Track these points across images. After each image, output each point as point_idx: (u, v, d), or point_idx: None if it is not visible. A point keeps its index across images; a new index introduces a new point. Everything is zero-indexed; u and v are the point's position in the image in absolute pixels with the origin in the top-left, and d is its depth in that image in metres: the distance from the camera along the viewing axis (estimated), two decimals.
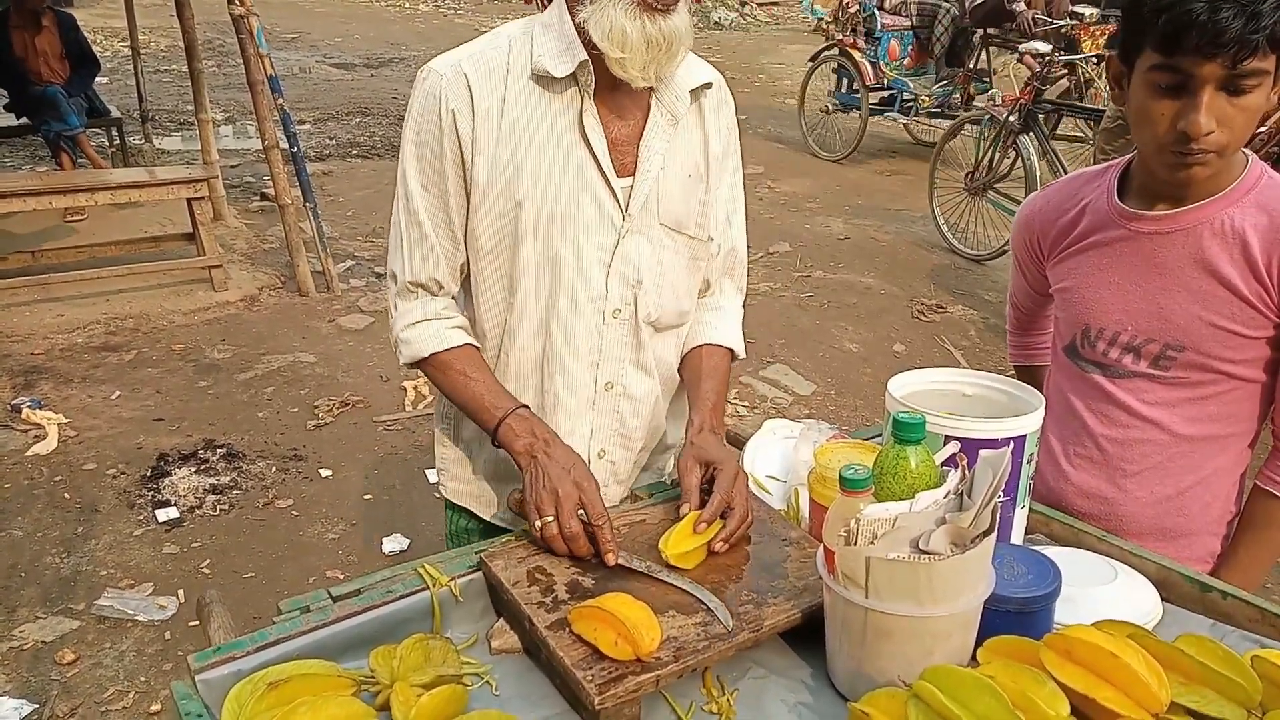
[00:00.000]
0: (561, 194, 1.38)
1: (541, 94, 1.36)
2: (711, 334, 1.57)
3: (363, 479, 3.67)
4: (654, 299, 1.47)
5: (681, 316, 1.54)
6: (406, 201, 1.41)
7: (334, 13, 18.53)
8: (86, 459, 3.75)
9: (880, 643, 1.03)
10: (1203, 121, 1.28)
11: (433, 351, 1.43)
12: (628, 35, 1.27)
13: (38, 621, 2.85)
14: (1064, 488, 1.59)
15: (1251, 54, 1.23)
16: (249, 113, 7.88)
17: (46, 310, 5.03)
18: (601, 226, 1.40)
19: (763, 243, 6.39)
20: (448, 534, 1.70)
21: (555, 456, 1.33)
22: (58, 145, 6.68)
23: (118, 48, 13.08)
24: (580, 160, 1.38)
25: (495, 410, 1.39)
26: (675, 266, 1.49)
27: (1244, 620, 1.23)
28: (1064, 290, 1.56)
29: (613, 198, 1.40)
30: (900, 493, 1.13)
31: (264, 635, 1.13)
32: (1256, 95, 1.27)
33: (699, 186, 1.47)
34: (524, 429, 1.37)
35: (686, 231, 1.47)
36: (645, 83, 1.33)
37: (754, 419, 4.11)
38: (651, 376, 1.53)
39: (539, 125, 1.36)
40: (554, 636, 1.10)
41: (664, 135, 1.42)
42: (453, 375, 1.43)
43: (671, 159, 1.43)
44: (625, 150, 1.41)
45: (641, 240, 1.43)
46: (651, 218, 1.43)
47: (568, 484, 1.29)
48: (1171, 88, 1.29)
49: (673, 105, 1.41)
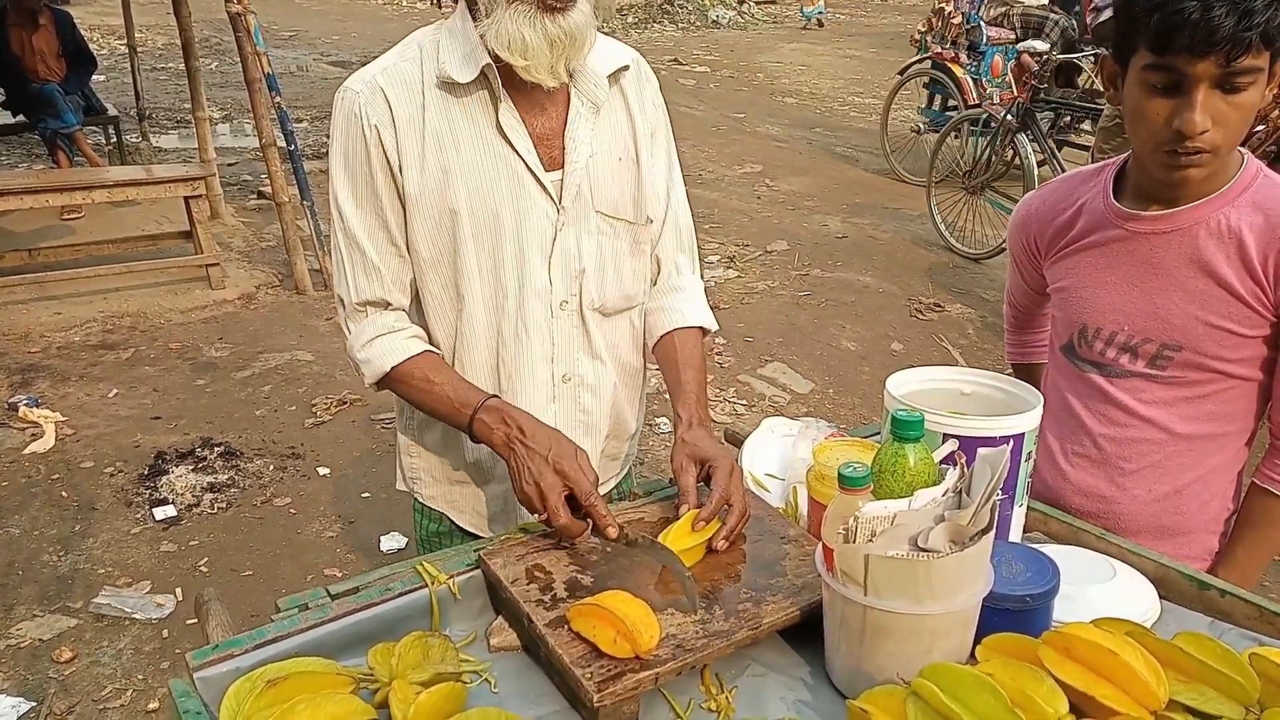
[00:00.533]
0: (494, 196, 1.38)
1: (457, 100, 1.36)
2: (679, 318, 1.57)
3: (361, 477, 3.67)
4: (597, 285, 1.48)
5: (628, 300, 1.54)
6: (343, 225, 1.41)
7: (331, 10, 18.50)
8: (84, 457, 3.75)
9: (879, 640, 1.03)
10: (1197, 120, 1.28)
11: (393, 365, 1.42)
12: (528, 42, 1.27)
13: (35, 619, 2.85)
14: (1062, 486, 1.59)
15: (1244, 52, 1.22)
16: (246, 111, 7.86)
17: (43, 308, 5.03)
18: (538, 221, 1.41)
19: (761, 241, 6.39)
20: (418, 539, 1.70)
21: (534, 444, 1.32)
22: (54, 143, 6.67)
23: (115, 45, 13.07)
24: (508, 160, 1.38)
25: (464, 408, 1.38)
26: (617, 252, 1.49)
27: (1242, 618, 1.23)
28: (1061, 290, 1.57)
29: (544, 192, 1.40)
30: (899, 490, 1.13)
31: (262, 633, 1.13)
32: (1251, 93, 1.27)
33: (631, 169, 1.47)
34: (496, 421, 1.36)
35: (624, 217, 1.48)
36: (555, 81, 1.33)
37: (752, 417, 4.11)
38: (606, 364, 1.54)
39: (462, 131, 1.37)
40: (553, 634, 1.10)
41: (587, 124, 1.42)
42: (416, 384, 1.42)
43: (600, 146, 1.43)
44: (552, 143, 1.41)
45: (579, 230, 1.44)
46: (586, 206, 1.44)
47: (549, 475, 1.28)
48: (1165, 87, 1.29)
49: (592, 93, 1.41)
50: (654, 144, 1.51)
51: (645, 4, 18.80)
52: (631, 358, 1.60)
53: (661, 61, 12.69)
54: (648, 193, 1.49)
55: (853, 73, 12.71)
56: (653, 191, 1.51)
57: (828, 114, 10.78)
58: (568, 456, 1.30)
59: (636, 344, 1.60)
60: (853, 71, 13.08)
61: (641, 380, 1.66)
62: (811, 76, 12.90)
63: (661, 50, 14.18)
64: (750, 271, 5.91)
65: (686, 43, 15.41)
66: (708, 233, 6.55)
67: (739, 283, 5.73)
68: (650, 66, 1.55)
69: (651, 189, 1.50)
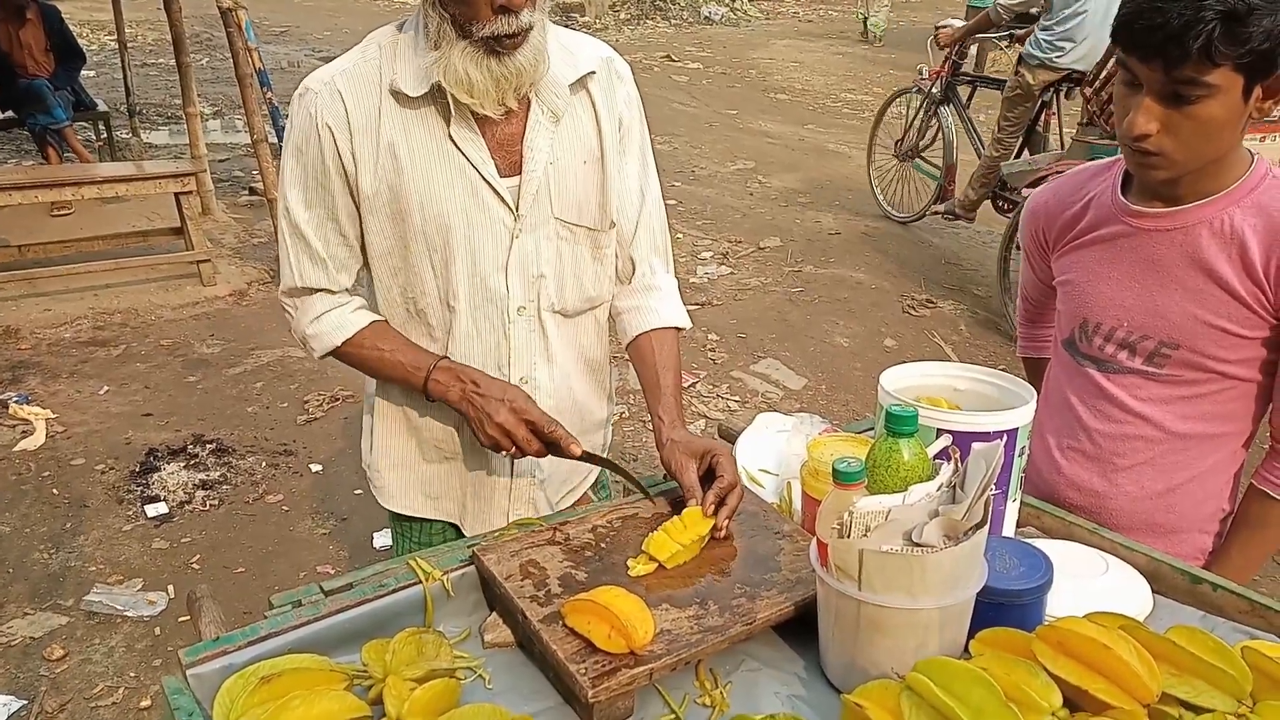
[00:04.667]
0: (446, 201, 1.39)
1: (413, 107, 1.37)
2: (654, 318, 1.57)
3: (353, 473, 3.65)
4: (556, 289, 1.49)
5: (590, 301, 1.55)
6: (289, 217, 1.45)
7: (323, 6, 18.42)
8: (75, 454, 3.73)
9: (873, 635, 1.03)
10: (1138, 122, 1.28)
11: (345, 339, 1.46)
12: (474, 81, 1.30)
13: (26, 618, 2.84)
14: (1056, 480, 1.59)
15: (1182, 64, 1.22)
16: (237, 106, 7.83)
17: (33, 305, 5.00)
18: (493, 228, 1.42)
19: (753, 237, 6.39)
20: (396, 551, 1.72)
21: (488, 393, 1.40)
22: (43, 139, 6.62)
23: (105, 41, 13.00)
24: (462, 168, 1.39)
25: (418, 371, 1.44)
26: (577, 257, 1.50)
27: (1234, 612, 1.24)
28: (1066, 283, 1.57)
29: (499, 199, 1.40)
30: (893, 485, 1.13)
31: (255, 630, 1.12)
32: (1207, 107, 1.25)
33: (596, 171, 1.47)
34: (450, 379, 1.42)
35: (585, 223, 1.48)
36: (502, 110, 1.35)
37: (745, 413, 4.11)
38: (564, 367, 1.55)
39: (416, 136, 1.37)
40: (547, 630, 1.10)
41: (546, 132, 1.42)
42: (367, 352, 1.47)
43: (561, 152, 1.43)
44: (511, 149, 1.41)
45: (538, 236, 1.45)
46: (545, 212, 1.44)
47: (506, 413, 1.38)
48: (1128, 84, 1.30)
49: (552, 102, 1.41)
50: (625, 143, 1.51)
51: (638, 0, 18.78)
52: (594, 352, 1.61)
53: (654, 58, 12.68)
54: (614, 193, 1.49)
55: (845, 70, 12.71)
56: (621, 191, 1.51)
57: (820, 111, 10.79)
58: (521, 398, 1.41)
59: (601, 338, 1.62)
60: (845, 69, 13.08)
61: (606, 372, 1.67)
62: (804, 73, 12.90)
63: (654, 46, 14.16)
64: (743, 268, 5.91)
65: (679, 39, 15.39)
66: (701, 229, 6.55)
67: (732, 279, 5.73)
68: (640, 63, 1.57)
69: (620, 189, 1.50)
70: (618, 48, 1.58)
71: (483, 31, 1.26)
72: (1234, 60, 1.21)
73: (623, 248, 1.56)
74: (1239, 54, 1.20)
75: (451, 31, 1.28)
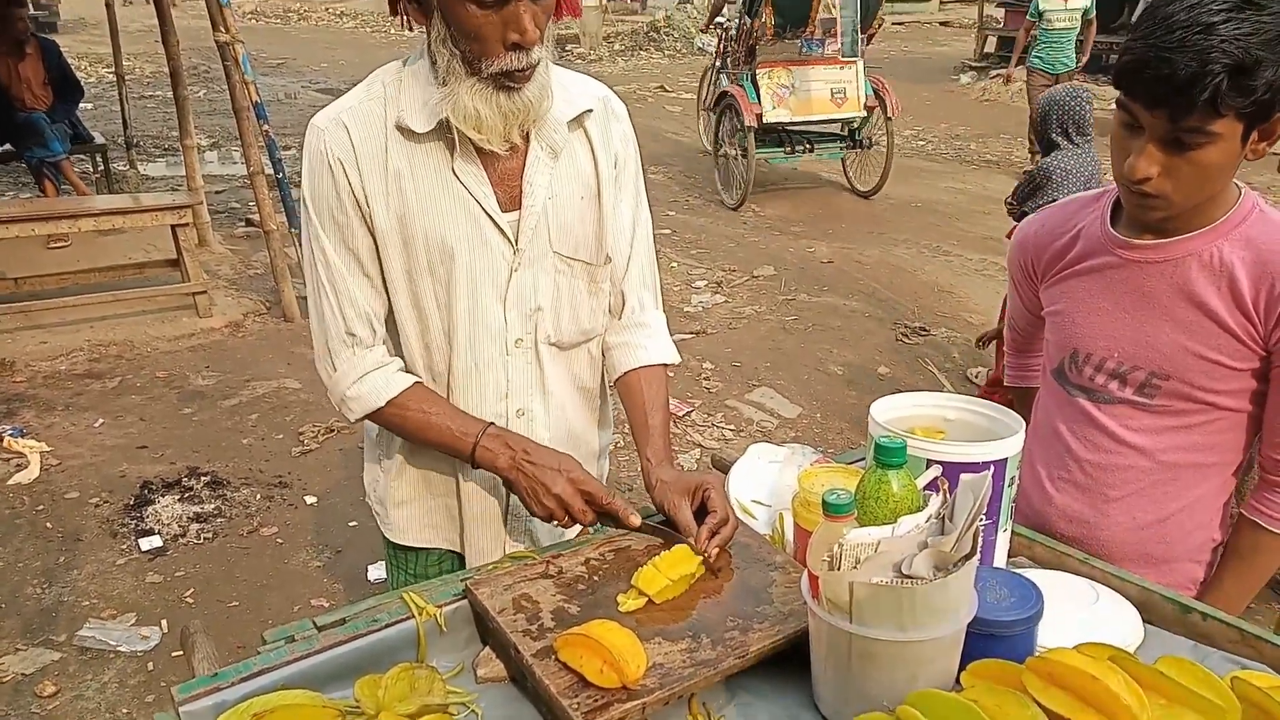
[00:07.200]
0: (450, 234, 1.40)
1: (418, 141, 1.39)
2: (644, 355, 1.59)
3: (348, 505, 3.65)
4: (553, 322, 1.50)
5: (586, 335, 1.56)
6: (325, 260, 1.43)
7: (319, 39, 18.59)
8: (69, 487, 3.72)
9: (865, 667, 1.03)
10: (1140, 166, 1.30)
11: (388, 400, 1.44)
12: (483, 117, 1.32)
13: (18, 653, 2.82)
14: (1048, 510, 1.60)
15: (1189, 114, 1.23)
16: (234, 138, 7.88)
17: (29, 337, 5.00)
18: (493, 261, 1.43)
19: (747, 266, 6.42)
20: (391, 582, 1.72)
21: (541, 462, 1.39)
22: (41, 172, 6.66)
23: (103, 74, 13.10)
24: (465, 201, 1.40)
25: (466, 437, 1.42)
26: (574, 291, 1.51)
27: (1225, 642, 1.24)
28: (1055, 314, 1.58)
29: (499, 233, 1.42)
30: (883, 517, 1.13)
31: (249, 666, 1.12)
32: (1207, 153, 1.27)
33: (593, 206, 1.50)
34: (499, 446, 1.41)
35: (582, 257, 1.50)
36: (507, 146, 1.37)
37: (740, 442, 4.11)
38: (559, 398, 1.56)
39: (421, 171, 1.39)
40: (539, 664, 1.10)
41: (545, 169, 1.44)
42: (412, 415, 1.45)
43: (560, 187, 1.46)
44: (512, 183, 1.43)
45: (536, 269, 1.46)
46: (544, 247, 1.46)
47: (563, 483, 1.37)
48: (1128, 126, 1.32)
49: (551, 139, 1.44)
50: (621, 179, 1.53)
51: (632, 32, 18.98)
52: (590, 383, 1.62)
53: (648, 88, 12.78)
54: (609, 229, 1.51)
55: None
56: (616, 227, 1.53)
57: None
58: (576, 467, 1.40)
59: (595, 371, 1.62)
60: None
61: (601, 402, 1.68)
62: None
63: (648, 78, 14.28)
64: (737, 296, 5.93)
65: (673, 70, 15.53)
66: (694, 258, 6.59)
67: (726, 308, 5.75)
68: (634, 93, 1.59)
69: (615, 224, 1.52)
70: (612, 78, 1.61)
71: (492, 68, 1.28)
72: (1237, 110, 1.23)
73: (614, 283, 1.58)
74: (1243, 105, 1.22)
75: (461, 69, 1.30)
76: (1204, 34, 1.19)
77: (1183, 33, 1.21)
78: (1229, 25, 1.19)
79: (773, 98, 7.59)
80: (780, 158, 8.10)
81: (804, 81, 7.64)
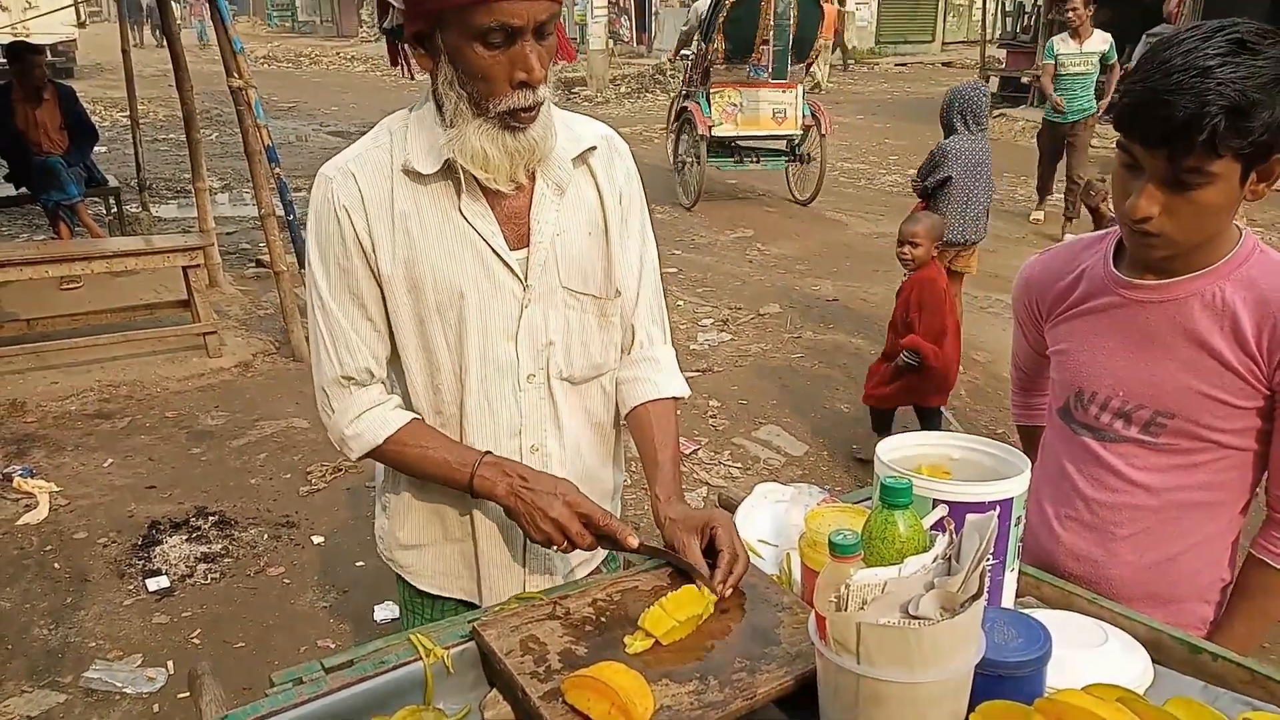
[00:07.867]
0: (459, 275, 1.42)
1: (424, 185, 1.41)
2: (653, 389, 1.60)
3: (355, 545, 3.65)
4: (564, 357, 1.51)
5: (598, 369, 1.57)
6: (322, 307, 1.45)
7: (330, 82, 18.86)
8: (77, 528, 3.73)
9: (873, 709, 1.03)
10: (1141, 206, 1.31)
11: (386, 437, 1.46)
12: (490, 157, 1.34)
13: (24, 695, 2.81)
14: (1055, 549, 1.60)
15: (1189, 155, 1.25)
16: (246, 180, 7.98)
17: (40, 378, 5.04)
18: (503, 299, 1.45)
19: (753, 304, 6.45)
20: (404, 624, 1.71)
21: (537, 487, 1.40)
22: (56, 215, 6.76)
23: (117, 118, 13.30)
24: (473, 241, 1.42)
25: (463, 468, 1.43)
26: (585, 325, 1.53)
27: (1235, 682, 1.23)
28: (1060, 353, 1.59)
29: (509, 271, 1.44)
30: (889, 558, 1.14)
31: (257, 708, 1.13)
32: (1206, 193, 1.29)
33: (600, 242, 1.52)
34: (496, 475, 1.42)
35: (591, 292, 1.52)
36: (513, 185, 1.39)
37: (747, 480, 4.11)
38: (574, 434, 1.57)
39: (428, 213, 1.41)
40: (547, 707, 1.10)
41: (551, 206, 1.46)
42: (409, 451, 1.46)
43: (567, 224, 1.48)
44: (519, 221, 1.45)
45: (546, 305, 1.48)
46: (553, 282, 1.48)
47: (560, 507, 1.38)
48: (1128, 166, 1.34)
49: (556, 176, 1.46)
50: (627, 215, 1.55)
51: (638, 74, 19.22)
52: (603, 418, 1.63)
53: (654, 130, 12.91)
54: (618, 264, 1.53)
55: (840, 139, 12.93)
56: (624, 263, 1.55)
57: None
58: (572, 490, 1.41)
59: (608, 406, 1.63)
60: (840, 138, 13.30)
61: (614, 439, 1.68)
62: None
63: (654, 119, 14.43)
64: (744, 334, 5.95)
65: None
66: (701, 296, 6.62)
67: (732, 345, 5.77)
68: (640, 134, 1.61)
69: (622, 260, 1.54)
70: (619, 120, 1.65)
71: (499, 107, 1.31)
72: (1235, 151, 1.25)
73: (624, 318, 1.59)
74: (1241, 146, 1.24)
75: (468, 110, 1.33)
76: (1201, 77, 1.22)
77: (1180, 76, 1.23)
78: (1225, 69, 1.22)
79: (722, 113, 8.91)
80: (730, 164, 9.45)
81: (751, 101, 8.95)
